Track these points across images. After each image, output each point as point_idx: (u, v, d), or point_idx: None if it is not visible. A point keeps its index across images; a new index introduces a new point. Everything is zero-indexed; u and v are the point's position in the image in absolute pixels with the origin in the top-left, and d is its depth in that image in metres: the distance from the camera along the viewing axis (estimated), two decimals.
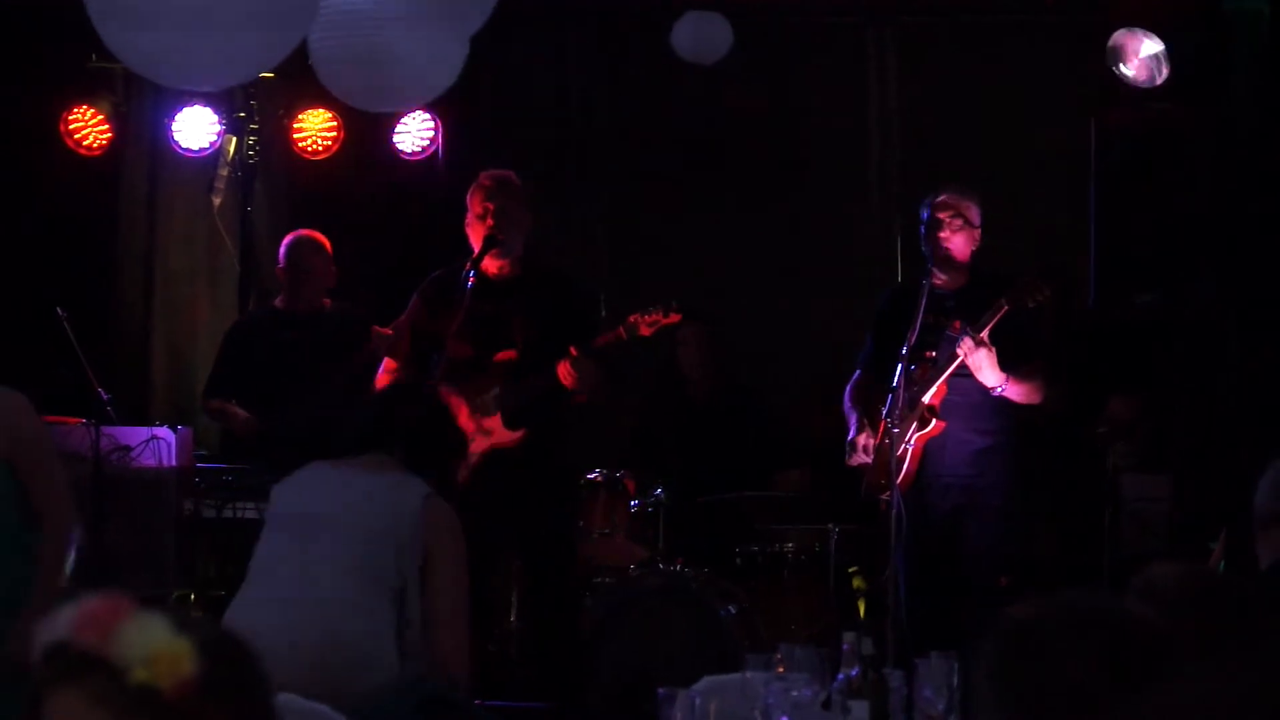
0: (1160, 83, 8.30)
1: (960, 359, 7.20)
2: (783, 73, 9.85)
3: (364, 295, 8.52)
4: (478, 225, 7.27)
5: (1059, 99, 9.38)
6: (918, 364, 7.25)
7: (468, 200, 7.36)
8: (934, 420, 7.29)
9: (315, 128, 9.57)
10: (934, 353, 7.29)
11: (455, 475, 5.82)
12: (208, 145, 9.54)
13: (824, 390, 8.25)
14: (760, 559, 8.22)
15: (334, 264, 8.35)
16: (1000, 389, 7.23)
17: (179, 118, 9.49)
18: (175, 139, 9.53)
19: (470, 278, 7.12)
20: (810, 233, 9.77)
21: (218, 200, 9.66)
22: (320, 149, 9.60)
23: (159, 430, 7.82)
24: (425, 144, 9.61)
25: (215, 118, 9.47)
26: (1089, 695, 2.26)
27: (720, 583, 7.80)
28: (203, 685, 2.02)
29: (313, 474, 5.29)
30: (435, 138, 9.60)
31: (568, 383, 7.15)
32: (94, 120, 9.49)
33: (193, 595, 7.69)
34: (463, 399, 7.20)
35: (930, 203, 7.47)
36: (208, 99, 9.35)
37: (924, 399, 7.27)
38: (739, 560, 8.22)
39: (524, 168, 7.61)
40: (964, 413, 7.31)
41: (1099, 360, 9.01)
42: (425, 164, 9.65)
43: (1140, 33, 8.28)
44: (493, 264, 7.26)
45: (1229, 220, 8.63)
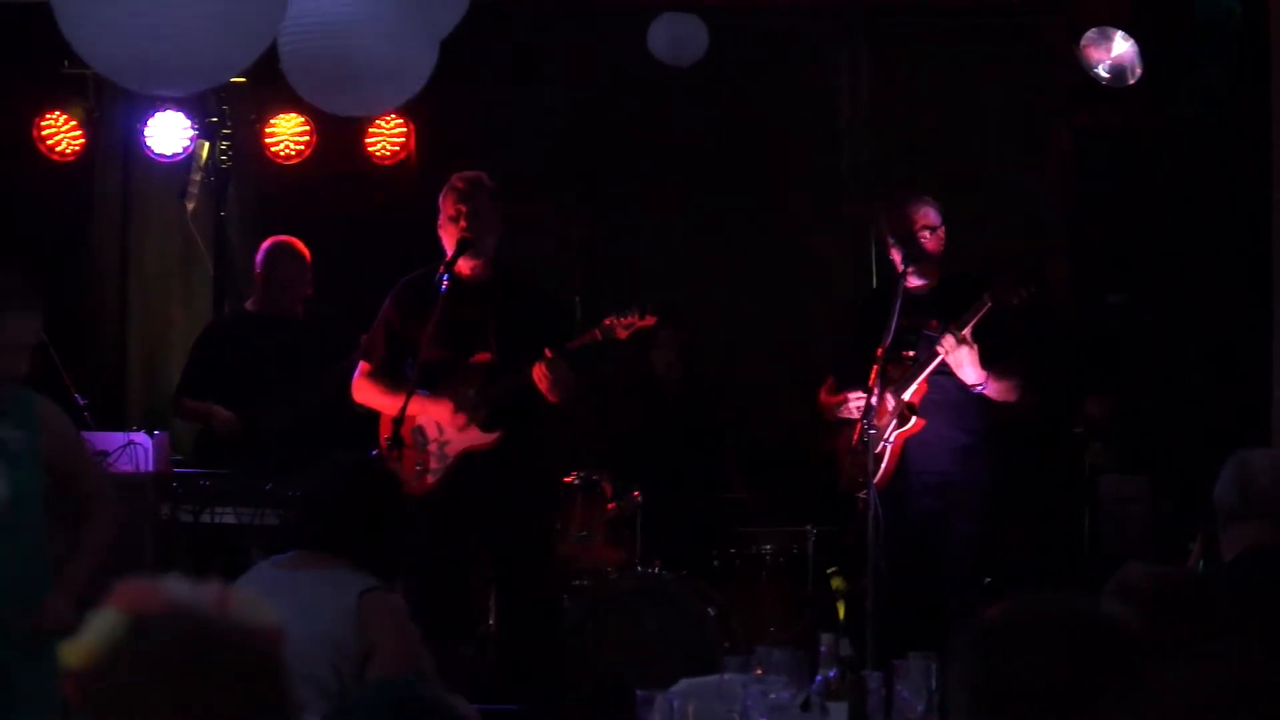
0: (1132, 83, 8.32)
1: (941, 356, 7.22)
2: (756, 76, 9.85)
3: (337, 299, 8.50)
4: (450, 228, 7.26)
5: (1031, 101, 9.41)
6: (894, 364, 7.27)
7: (440, 202, 7.34)
8: (914, 418, 7.31)
9: (288, 132, 9.56)
10: (912, 352, 7.31)
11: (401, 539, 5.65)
12: (180, 150, 9.51)
13: (797, 392, 8.26)
14: (738, 561, 8.22)
15: (310, 271, 8.36)
16: (980, 386, 7.26)
17: (151, 123, 9.46)
18: (148, 144, 9.50)
19: (444, 281, 7.10)
20: (783, 234, 9.79)
21: (191, 205, 9.64)
22: (293, 153, 9.58)
23: (136, 435, 7.79)
24: (398, 148, 9.61)
25: (188, 123, 9.45)
26: (1060, 696, 2.26)
27: (698, 585, 7.80)
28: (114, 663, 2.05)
29: (257, 579, 5.16)
30: (408, 141, 9.59)
31: (542, 385, 7.14)
32: (66, 126, 9.47)
33: None
34: (448, 399, 7.21)
35: (904, 207, 7.48)
36: (180, 104, 9.33)
37: (904, 396, 7.29)
38: (717, 562, 8.23)
39: (497, 170, 7.60)
40: (944, 411, 7.33)
41: (1074, 360, 9.04)
42: (398, 168, 9.64)
43: (1112, 32, 8.29)
44: (466, 265, 7.25)
45: (1200, 220, 8.66)
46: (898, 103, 9.76)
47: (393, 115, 9.41)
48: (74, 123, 9.45)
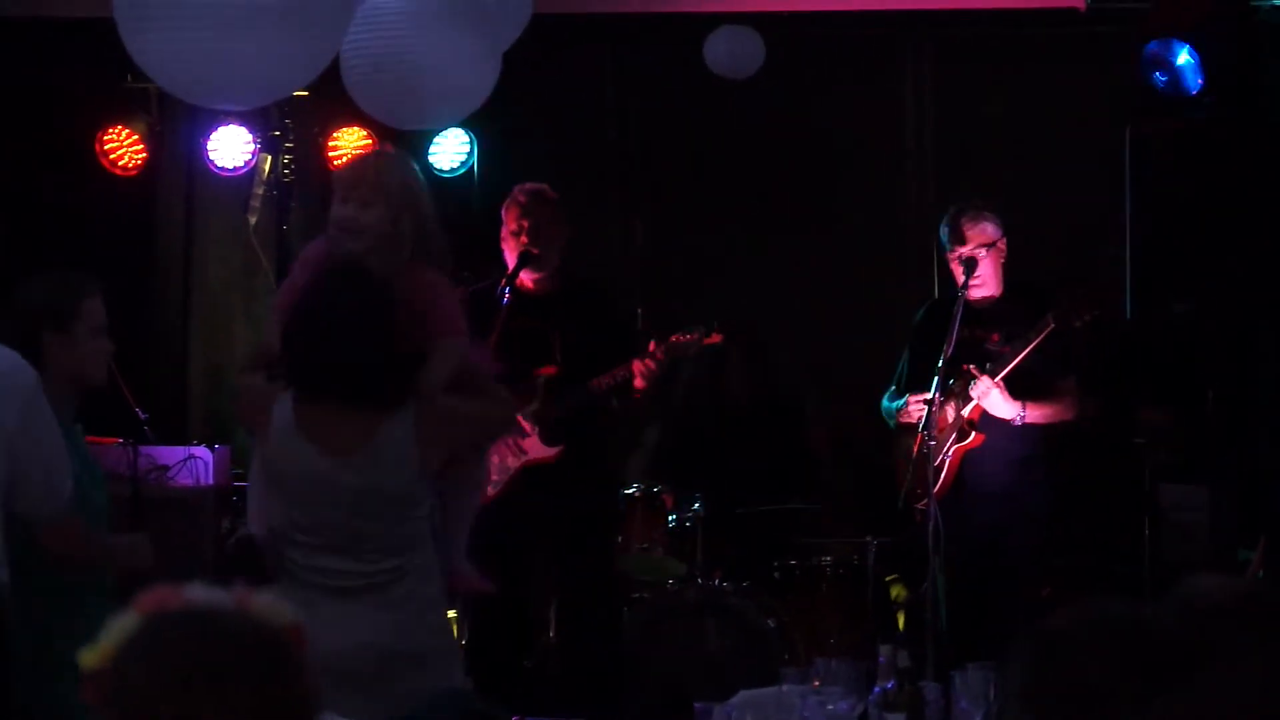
0: (1195, 92, 8.28)
1: (975, 401, 7.20)
2: (818, 87, 9.85)
3: None
4: (512, 241, 7.28)
5: (1094, 109, 9.37)
6: (955, 377, 7.25)
7: (502, 215, 7.37)
8: (974, 433, 7.29)
9: (350, 145, 9.59)
10: (972, 365, 7.27)
11: None
12: (243, 164, 9.55)
13: (864, 404, 8.24)
14: (798, 572, 8.21)
15: None
16: (1020, 418, 7.22)
17: (214, 137, 9.50)
18: (210, 158, 9.54)
19: (506, 294, 7.12)
20: (844, 246, 9.77)
21: (253, 219, 9.67)
22: None
23: (196, 449, 7.84)
24: (461, 161, 9.63)
25: (250, 136, 9.48)
26: (1114, 702, 2.25)
27: (758, 596, 7.80)
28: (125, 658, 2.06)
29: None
30: (471, 155, 9.62)
31: (641, 381, 7.18)
32: (129, 140, 9.51)
33: None
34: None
35: (962, 222, 7.43)
36: (242, 118, 9.36)
37: (964, 412, 7.26)
38: (777, 573, 8.21)
39: (560, 183, 7.62)
40: (1003, 424, 7.29)
41: (1136, 370, 9.00)
42: (461, 180, 9.66)
43: (1174, 42, 8.25)
44: (528, 278, 7.27)
45: (1264, 227, 8.61)
46: (962, 112, 9.74)
47: (456, 128, 9.44)
48: (136, 137, 9.50)
